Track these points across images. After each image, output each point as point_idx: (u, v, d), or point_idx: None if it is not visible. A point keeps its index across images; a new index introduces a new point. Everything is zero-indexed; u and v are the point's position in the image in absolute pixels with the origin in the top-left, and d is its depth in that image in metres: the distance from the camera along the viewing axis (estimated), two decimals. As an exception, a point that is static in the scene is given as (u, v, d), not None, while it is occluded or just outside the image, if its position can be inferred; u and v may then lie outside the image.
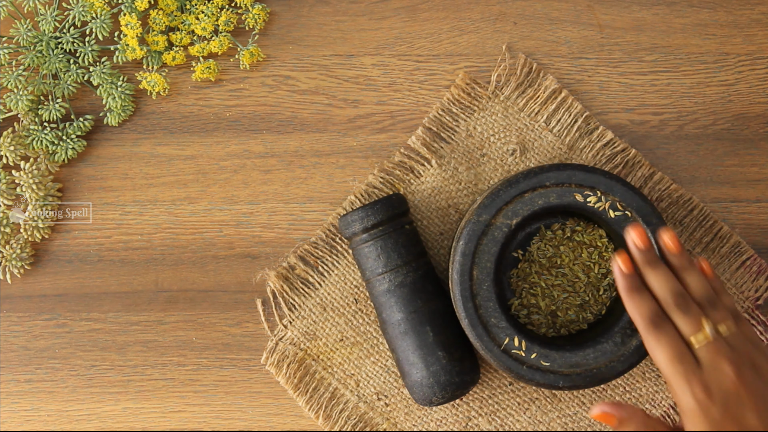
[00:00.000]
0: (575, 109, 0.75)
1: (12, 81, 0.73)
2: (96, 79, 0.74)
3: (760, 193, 0.75)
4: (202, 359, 0.75)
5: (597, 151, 0.74)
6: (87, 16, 0.74)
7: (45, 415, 0.75)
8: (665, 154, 0.75)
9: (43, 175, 0.74)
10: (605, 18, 0.76)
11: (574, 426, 0.73)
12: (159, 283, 0.75)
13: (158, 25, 0.75)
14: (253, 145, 0.76)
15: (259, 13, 0.75)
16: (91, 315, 0.75)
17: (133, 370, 0.75)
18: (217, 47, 0.75)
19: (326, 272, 0.75)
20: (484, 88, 0.75)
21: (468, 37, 0.77)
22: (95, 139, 0.76)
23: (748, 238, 0.74)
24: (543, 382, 0.64)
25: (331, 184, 0.76)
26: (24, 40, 0.74)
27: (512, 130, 0.75)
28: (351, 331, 0.74)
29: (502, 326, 0.64)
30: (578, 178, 0.65)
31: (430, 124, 0.75)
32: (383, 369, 0.74)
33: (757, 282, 0.73)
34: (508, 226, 0.65)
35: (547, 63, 0.76)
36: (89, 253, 0.75)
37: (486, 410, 0.73)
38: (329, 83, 0.76)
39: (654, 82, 0.76)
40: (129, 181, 0.76)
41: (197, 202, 0.76)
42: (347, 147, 0.76)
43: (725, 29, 0.76)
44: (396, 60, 0.76)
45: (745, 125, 0.75)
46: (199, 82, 0.77)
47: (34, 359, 0.75)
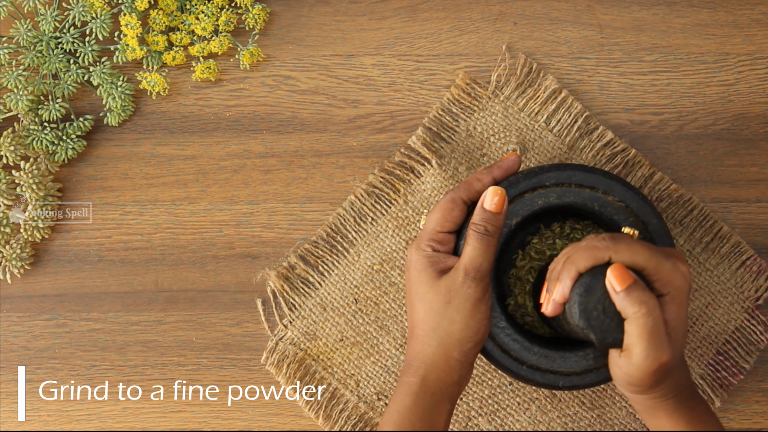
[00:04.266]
0: (575, 109, 0.75)
1: (12, 81, 0.73)
2: (96, 79, 0.74)
3: (760, 193, 0.75)
4: (202, 359, 0.75)
5: (597, 151, 0.74)
6: (87, 16, 0.74)
7: (45, 415, 0.75)
8: (665, 154, 0.75)
9: (43, 175, 0.74)
10: (605, 18, 0.76)
11: (574, 426, 0.73)
12: (159, 283, 0.75)
13: (158, 25, 0.75)
14: (253, 145, 0.76)
15: (259, 13, 0.75)
16: (91, 315, 0.75)
17: (133, 370, 0.75)
18: (217, 47, 0.75)
19: (326, 272, 0.75)
20: (484, 88, 0.75)
21: (468, 37, 0.77)
22: (95, 139, 0.76)
23: (748, 238, 0.74)
24: (543, 382, 0.64)
25: (331, 184, 0.76)
26: (24, 40, 0.74)
27: (512, 130, 0.75)
28: (351, 331, 0.74)
29: (502, 326, 0.64)
30: (578, 178, 0.65)
31: (430, 124, 0.75)
32: (383, 369, 0.74)
33: (758, 282, 0.73)
34: (508, 226, 0.65)
35: (547, 63, 0.76)
36: (89, 253, 0.75)
37: (486, 410, 0.73)
38: (329, 83, 0.76)
39: (654, 82, 0.76)
40: (129, 181, 0.76)
41: (197, 202, 0.76)
42: (347, 147, 0.76)
43: (725, 29, 0.76)
44: (396, 60, 0.76)
45: (745, 125, 0.75)
46: (199, 82, 0.77)
47: (34, 359, 0.75)
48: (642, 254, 0.55)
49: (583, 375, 0.64)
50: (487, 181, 0.64)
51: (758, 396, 0.74)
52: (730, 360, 0.73)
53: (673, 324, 0.55)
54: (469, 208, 0.63)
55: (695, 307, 0.73)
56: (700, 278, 0.74)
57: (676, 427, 0.58)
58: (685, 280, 0.56)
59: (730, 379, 0.73)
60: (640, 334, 0.54)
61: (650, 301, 0.54)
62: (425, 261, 0.62)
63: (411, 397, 0.60)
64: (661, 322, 0.54)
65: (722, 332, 0.73)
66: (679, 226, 0.74)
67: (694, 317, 0.73)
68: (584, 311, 0.56)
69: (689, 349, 0.73)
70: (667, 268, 0.55)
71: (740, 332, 0.73)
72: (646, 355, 0.54)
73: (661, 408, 0.58)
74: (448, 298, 0.60)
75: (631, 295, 0.54)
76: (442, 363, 0.61)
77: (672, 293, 0.55)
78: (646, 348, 0.54)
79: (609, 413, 0.73)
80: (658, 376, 0.55)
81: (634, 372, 0.55)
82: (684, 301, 0.56)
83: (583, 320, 0.56)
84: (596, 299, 0.55)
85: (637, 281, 0.54)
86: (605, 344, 0.56)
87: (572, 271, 0.56)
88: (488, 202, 0.61)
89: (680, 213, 0.74)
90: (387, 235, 0.74)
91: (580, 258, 0.56)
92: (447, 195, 0.63)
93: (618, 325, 0.55)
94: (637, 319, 0.54)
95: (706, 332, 0.73)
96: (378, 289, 0.74)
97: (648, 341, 0.54)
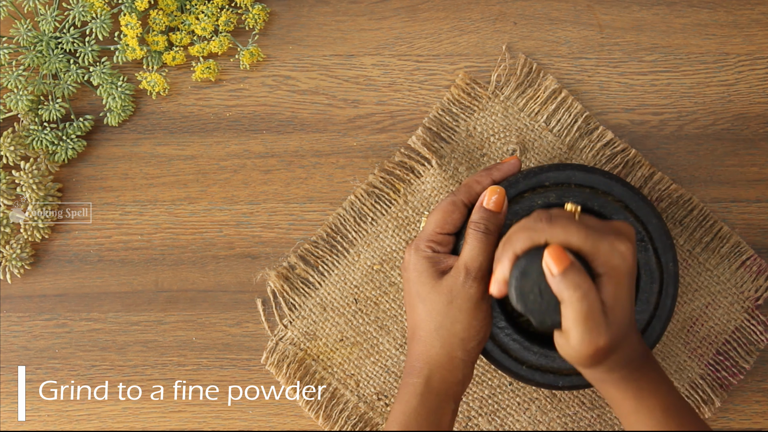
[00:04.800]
0: (575, 109, 0.75)
1: (12, 81, 0.73)
2: (96, 79, 0.74)
3: (760, 193, 0.75)
4: (202, 359, 0.75)
5: (597, 151, 0.74)
6: (87, 16, 0.74)
7: (45, 415, 0.75)
8: (665, 154, 0.75)
9: (43, 175, 0.74)
10: (605, 18, 0.76)
11: (574, 426, 0.73)
12: (159, 283, 0.75)
13: (158, 25, 0.75)
14: (253, 145, 0.76)
15: (259, 13, 0.76)
16: (91, 315, 0.75)
17: (133, 370, 0.75)
18: (217, 47, 0.75)
19: (326, 272, 0.75)
20: (484, 88, 0.75)
21: (468, 37, 0.77)
22: (95, 139, 0.76)
23: (748, 238, 0.74)
24: (543, 382, 0.64)
25: (331, 184, 0.76)
26: (24, 40, 0.74)
27: (512, 130, 0.75)
28: (351, 331, 0.74)
29: (502, 326, 0.64)
30: (578, 178, 0.65)
31: (430, 124, 0.75)
32: (383, 369, 0.74)
33: (758, 282, 0.73)
34: (508, 226, 0.65)
35: (547, 63, 0.76)
36: (89, 253, 0.75)
37: (486, 410, 0.73)
38: (329, 83, 0.76)
39: (654, 82, 0.76)
40: (129, 181, 0.76)
41: (197, 202, 0.76)
42: (347, 147, 0.76)
43: (725, 29, 0.76)
44: (396, 60, 0.76)
45: (745, 125, 0.75)
46: (199, 82, 0.77)
47: (34, 359, 0.75)
48: (577, 235, 0.55)
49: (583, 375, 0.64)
50: (486, 183, 0.64)
51: (758, 396, 0.74)
52: (730, 360, 0.73)
53: (611, 304, 0.55)
54: (468, 211, 0.64)
55: (695, 307, 0.73)
56: (700, 278, 0.74)
57: (624, 398, 0.58)
58: (623, 259, 0.55)
59: (730, 379, 0.73)
60: (575, 319, 0.54)
61: (585, 284, 0.53)
62: (425, 262, 0.62)
63: (416, 398, 0.60)
64: (597, 306, 0.54)
65: (722, 332, 0.73)
66: (679, 226, 0.74)
67: (694, 317, 0.73)
68: (521, 295, 0.56)
69: (689, 349, 0.73)
70: (604, 248, 0.55)
71: (740, 332, 0.73)
72: (581, 339, 0.54)
73: (609, 381, 0.58)
74: (449, 298, 0.60)
75: (566, 278, 0.53)
76: (446, 363, 0.61)
77: (609, 273, 0.55)
78: (582, 332, 0.54)
79: (609, 413, 0.73)
80: (598, 357, 0.55)
81: (574, 354, 0.55)
82: (623, 280, 0.55)
83: (520, 304, 0.56)
84: (532, 282, 0.55)
85: (573, 263, 0.54)
86: (544, 327, 0.56)
87: (509, 252, 0.56)
88: (487, 200, 0.62)
89: (680, 213, 0.74)
90: (387, 235, 0.75)
91: (517, 239, 0.56)
92: (447, 198, 0.64)
93: (555, 307, 0.55)
94: (572, 303, 0.53)
95: (706, 332, 0.73)
96: (378, 289, 0.74)
97: (584, 325, 0.53)
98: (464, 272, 0.60)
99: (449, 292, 0.60)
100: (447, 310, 0.60)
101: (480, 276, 0.60)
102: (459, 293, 0.60)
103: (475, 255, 0.60)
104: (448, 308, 0.60)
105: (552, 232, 0.55)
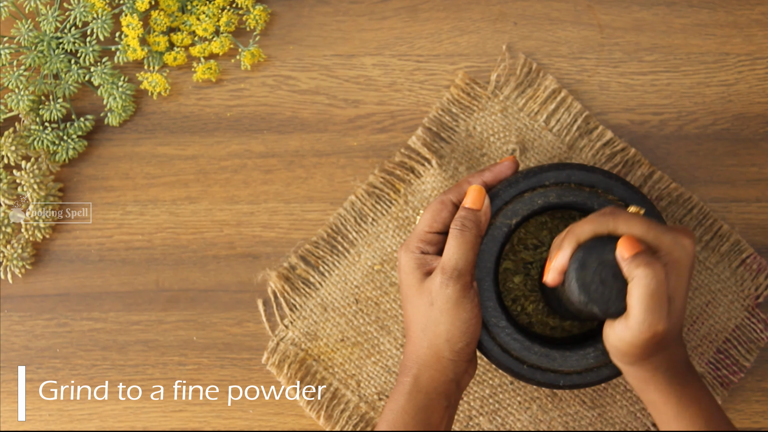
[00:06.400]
0: (575, 108, 0.75)
1: (13, 81, 0.73)
2: (97, 79, 0.74)
3: (760, 192, 0.75)
4: (202, 359, 0.75)
5: (597, 151, 0.74)
6: (88, 16, 0.74)
7: (46, 415, 0.75)
8: (665, 153, 0.75)
9: (44, 174, 0.74)
10: (605, 18, 0.77)
11: (575, 425, 0.73)
12: (160, 283, 0.75)
13: (159, 25, 0.75)
14: (254, 145, 0.76)
15: (260, 14, 0.76)
16: (92, 314, 0.75)
17: (133, 370, 0.75)
18: (218, 48, 0.76)
19: (327, 272, 0.75)
20: (484, 88, 0.76)
21: (468, 37, 0.77)
22: (96, 139, 0.76)
23: (747, 238, 0.74)
24: (543, 382, 0.64)
25: (331, 184, 0.76)
26: (25, 40, 0.74)
27: (512, 129, 0.75)
28: (352, 331, 0.74)
29: (502, 326, 0.64)
30: (577, 177, 0.65)
31: (430, 124, 0.75)
32: (384, 369, 0.74)
33: (758, 280, 0.73)
34: (508, 225, 0.65)
35: (547, 63, 0.76)
36: (90, 253, 0.75)
37: (487, 409, 0.73)
38: (330, 83, 0.76)
39: (654, 82, 0.76)
40: (130, 181, 0.76)
41: (198, 202, 0.76)
42: (348, 147, 0.76)
43: (725, 29, 0.76)
44: (396, 60, 0.77)
45: (745, 125, 0.76)
46: (200, 82, 0.77)
47: (35, 359, 0.75)
48: (641, 227, 0.56)
49: (583, 374, 0.64)
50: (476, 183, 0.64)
51: (758, 395, 0.74)
52: (731, 358, 0.73)
53: (672, 295, 0.55)
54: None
55: (695, 305, 0.73)
56: (701, 277, 0.74)
57: (667, 402, 0.58)
58: (686, 253, 0.56)
59: (731, 377, 0.73)
60: (641, 296, 0.54)
61: (656, 265, 0.54)
62: (413, 263, 0.62)
63: (404, 397, 0.61)
64: (663, 289, 0.54)
65: (722, 330, 0.73)
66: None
67: (695, 315, 0.73)
68: (583, 285, 0.56)
69: (689, 348, 0.73)
70: (667, 240, 0.56)
71: (740, 330, 0.73)
72: (643, 319, 0.54)
73: (653, 382, 0.58)
74: (430, 300, 0.61)
75: (639, 257, 0.54)
76: (434, 363, 0.61)
77: (671, 264, 0.55)
78: (644, 311, 0.54)
79: (610, 412, 0.73)
80: (652, 345, 0.55)
81: (629, 337, 0.55)
82: (684, 274, 0.56)
83: (583, 294, 0.56)
84: (593, 272, 0.56)
85: (645, 250, 0.55)
86: (608, 315, 0.56)
87: (572, 240, 0.57)
88: (466, 199, 0.62)
89: (680, 212, 0.74)
90: (387, 235, 0.75)
91: (582, 230, 0.57)
92: (437, 197, 0.64)
93: (618, 294, 0.56)
94: (641, 279, 0.54)
95: (706, 330, 0.73)
96: (379, 290, 0.74)
97: (648, 304, 0.54)
98: (441, 273, 0.60)
99: (430, 293, 0.61)
100: (429, 311, 0.61)
101: (456, 276, 0.60)
102: (438, 294, 0.60)
103: (451, 254, 0.60)
104: (430, 310, 0.61)
105: (616, 222, 0.56)
